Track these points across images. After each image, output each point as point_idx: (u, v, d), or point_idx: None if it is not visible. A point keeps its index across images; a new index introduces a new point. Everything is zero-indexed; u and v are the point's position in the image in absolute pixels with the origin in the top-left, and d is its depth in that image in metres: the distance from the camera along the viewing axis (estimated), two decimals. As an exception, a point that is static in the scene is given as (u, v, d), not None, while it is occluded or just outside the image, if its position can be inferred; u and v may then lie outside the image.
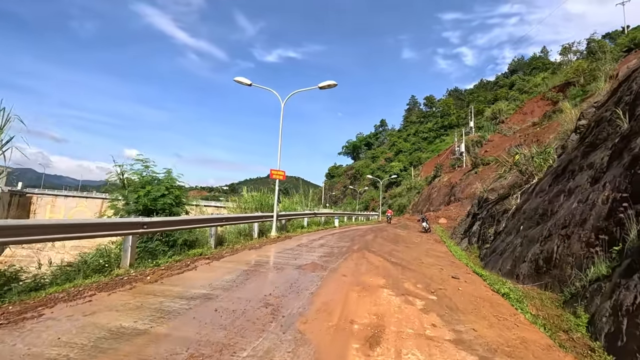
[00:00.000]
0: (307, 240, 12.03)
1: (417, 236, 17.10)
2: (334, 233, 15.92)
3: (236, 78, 13.52)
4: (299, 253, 8.86)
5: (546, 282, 6.81)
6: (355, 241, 12.52)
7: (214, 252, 8.14)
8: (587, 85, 52.21)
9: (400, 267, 7.53)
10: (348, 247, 10.47)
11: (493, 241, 12.23)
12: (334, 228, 19.88)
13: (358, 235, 15.45)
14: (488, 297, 5.47)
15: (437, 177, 64.74)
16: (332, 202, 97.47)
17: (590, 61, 58.65)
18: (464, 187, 48.39)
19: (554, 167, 11.18)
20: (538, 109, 65.71)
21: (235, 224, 10.81)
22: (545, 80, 70.70)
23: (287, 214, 14.62)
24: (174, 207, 7.83)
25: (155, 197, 7.18)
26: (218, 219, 8.90)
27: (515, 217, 11.39)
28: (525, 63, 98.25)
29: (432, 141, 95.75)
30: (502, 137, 62.44)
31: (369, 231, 17.99)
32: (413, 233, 18.99)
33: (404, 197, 70.36)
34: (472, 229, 15.57)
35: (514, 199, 12.97)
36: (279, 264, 7.19)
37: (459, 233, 20.42)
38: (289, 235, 13.52)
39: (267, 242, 11.06)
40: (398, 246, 12.12)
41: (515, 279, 7.98)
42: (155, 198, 7.19)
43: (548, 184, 10.49)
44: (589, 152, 8.62)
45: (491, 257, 10.44)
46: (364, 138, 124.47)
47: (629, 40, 53.81)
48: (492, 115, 71.87)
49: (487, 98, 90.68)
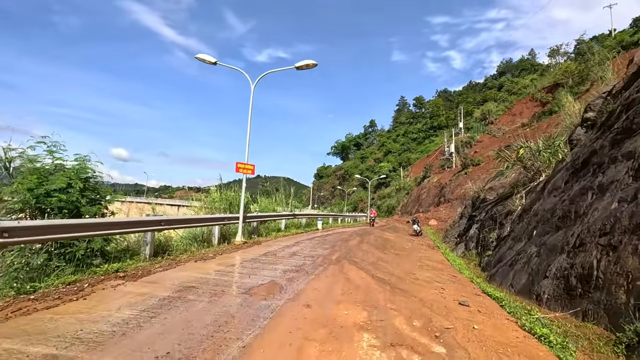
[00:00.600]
0: (278, 247, 10.04)
1: (408, 240, 15.30)
2: (314, 237, 13.97)
3: (199, 55, 11.47)
4: (260, 266, 6.88)
5: (585, 308, 5.02)
6: (336, 248, 10.60)
7: (141, 267, 6.08)
8: (576, 86, 51.91)
9: (388, 288, 5.63)
10: (325, 257, 8.53)
11: (496, 248, 10.50)
12: (317, 231, 17.94)
13: (341, 239, 13.54)
14: (520, 345, 3.60)
15: (426, 177, 63.58)
16: (321, 203, 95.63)
17: (579, 63, 58.55)
18: (453, 187, 47.18)
19: (568, 162, 9.50)
20: (527, 110, 65.34)
21: (186, 227, 8.75)
22: (533, 81, 70.54)
23: (258, 215, 12.58)
24: (86, 206, 5.75)
25: (48, 191, 5.10)
26: (152, 221, 6.84)
27: (523, 220, 9.67)
28: (513, 65, 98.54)
29: (422, 142, 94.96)
30: (491, 138, 61.78)
31: (354, 235, 16.11)
32: (403, 237, 17.20)
33: (393, 198, 69.02)
34: (469, 232, 13.86)
35: (518, 199, 11.29)
36: (222, 285, 5.19)
37: (452, 236, 18.77)
38: (260, 240, 11.51)
39: (228, 249, 9.03)
40: (386, 254, 10.26)
41: (536, 301, 6.19)
42: (49, 193, 5.12)
43: (564, 181, 8.80)
44: (622, 140, 6.92)
45: (498, 268, 8.66)
46: (353, 138, 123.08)
47: (616, 42, 53.73)
48: (482, 116, 71.33)
49: (476, 99, 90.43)
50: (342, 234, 16.23)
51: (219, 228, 9.90)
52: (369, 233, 17.57)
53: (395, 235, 17.66)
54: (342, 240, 13.25)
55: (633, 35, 51.71)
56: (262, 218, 12.94)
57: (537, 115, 57.21)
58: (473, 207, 19.23)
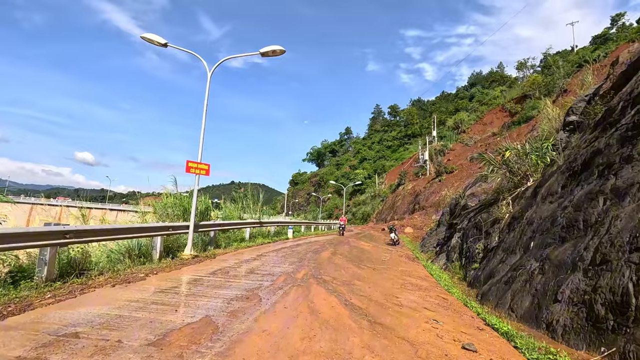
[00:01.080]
0: (235, 262, 8.38)
1: (386, 250, 14.04)
2: (282, 248, 12.37)
3: (145, 35, 9.73)
4: (200, 292, 5.24)
5: (623, 348, 3.81)
6: (304, 262, 9.08)
7: (21, 298, 4.29)
8: (543, 97, 53.93)
9: (366, 323, 4.19)
10: (289, 275, 6.99)
11: (484, 260, 9.39)
12: (286, 240, 16.33)
13: (312, 250, 12.04)
14: None
15: (401, 185, 63.58)
16: (295, 210, 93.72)
17: (545, 75, 61.14)
18: (428, 195, 47.10)
19: (562, 165, 8.60)
20: (497, 120, 67.32)
21: (111, 240, 6.89)
22: (503, 93, 73.05)
23: (214, 223, 10.82)
24: None
25: None
26: (52, 233, 5.03)
27: (514, 229, 8.62)
28: (483, 77, 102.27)
29: (396, 150, 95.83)
30: (463, 147, 62.92)
31: (327, 244, 14.66)
32: (380, 246, 15.96)
33: (368, 205, 68.48)
34: (451, 242, 12.79)
35: (505, 206, 10.31)
36: (125, 328, 3.53)
37: (430, 245, 17.77)
38: (215, 253, 9.77)
39: (169, 267, 7.27)
40: (362, 268, 8.85)
41: (547, 331, 4.97)
42: None
43: (560, 185, 7.83)
44: (634, 137, 5.96)
45: (490, 285, 7.47)
46: (328, 145, 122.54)
47: (579, 58, 56.54)
48: (454, 125, 72.80)
49: (448, 109, 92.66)
50: (314, 244, 14.73)
51: (162, 239, 8.10)
52: (343, 243, 16.19)
53: (371, 244, 16.38)
54: (313, 251, 11.75)
55: (594, 52, 54.54)
56: (219, 227, 11.17)
57: (506, 124, 58.92)
58: (452, 214, 18.39)
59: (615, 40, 54.45)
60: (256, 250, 11.16)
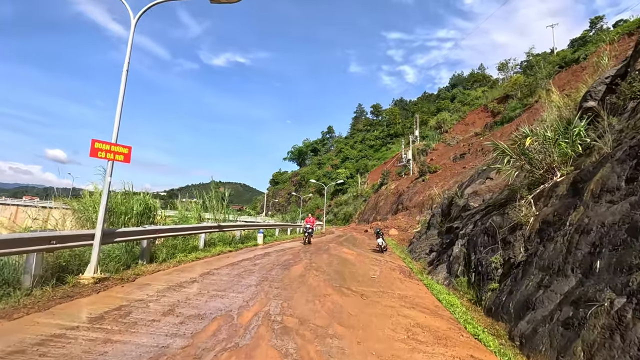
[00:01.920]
0: (160, 289, 5.63)
1: (374, 261, 11.57)
2: (244, 260, 9.67)
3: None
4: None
5: None
6: (265, 284, 6.44)
7: None
8: (525, 98, 53.63)
9: None
10: (228, 317, 4.34)
11: (506, 278, 7.05)
12: (255, 247, 13.61)
13: (281, 263, 9.40)
14: None
15: (384, 184, 61.83)
16: (278, 210, 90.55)
17: (527, 75, 61.04)
18: (412, 195, 45.39)
19: (616, 151, 6.37)
20: (479, 120, 66.82)
21: None
22: (485, 93, 72.87)
23: (144, 230, 7.93)
24: None
25: None
26: None
27: (552, 239, 6.31)
28: (464, 78, 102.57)
29: (379, 149, 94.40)
30: (446, 147, 61.95)
31: (302, 253, 12.07)
32: (366, 254, 13.49)
33: (350, 205, 66.39)
34: (452, 250, 10.46)
35: (525, 207, 8.06)
36: None
37: (421, 252, 15.47)
38: (143, 271, 6.95)
39: (35, 303, 4.47)
40: (346, 295, 6.30)
41: None
42: None
43: (623, 179, 5.57)
44: None
45: (533, 324, 5.09)
46: (310, 144, 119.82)
47: (560, 59, 56.68)
48: (437, 125, 71.97)
49: (430, 109, 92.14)
50: (287, 252, 12.11)
51: (41, 257, 5.25)
52: (321, 251, 13.62)
53: (355, 252, 13.88)
54: (282, 265, 9.12)
55: (574, 53, 54.78)
56: (153, 234, 8.28)
57: (489, 125, 58.33)
58: (445, 215, 16.23)
59: (594, 42, 54.78)
60: (207, 265, 8.41)
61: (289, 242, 17.72)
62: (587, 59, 48.57)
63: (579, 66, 49.04)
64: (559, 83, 48.88)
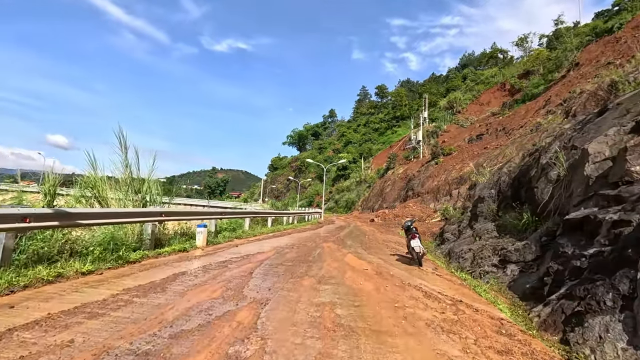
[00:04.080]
0: None
1: (428, 299, 6.71)
2: (209, 265, 4.94)
3: None
4: None
5: None
6: None
7: None
8: (549, 73, 48.03)
9: None
10: None
11: None
12: (184, 254, 8.90)
13: (258, 279, 4.67)
14: None
15: (390, 169, 56.96)
16: (275, 197, 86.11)
17: (551, 49, 55.11)
18: (424, 179, 40.48)
19: None
20: (495, 100, 61.24)
21: None
22: (502, 70, 66.95)
23: None
24: None
25: None
26: None
27: None
28: (475, 58, 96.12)
29: (384, 132, 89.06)
30: (458, 128, 56.72)
31: (284, 260, 7.36)
32: (392, 270, 8.46)
33: (352, 192, 61.65)
34: (581, 275, 5.66)
35: None
36: None
37: (474, 259, 10.51)
38: None
39: None
40: None
41: None
42: None
43: None
44: None
45: None
46: (311, 127, 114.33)
47: (590, 29, 50.75)
48: (448, 105, 66.41)
49: (439, 90, 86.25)
50: (266, 254, 7.38)
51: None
52: (304, 262, 8.89)
53: (371, 265, 8.99)
54: (257, 283, 4.35)
55: (606, 22, 48.75)
56: None
57: (507, 104, 52.92)
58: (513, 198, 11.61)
59: (630, 10, 48.62)
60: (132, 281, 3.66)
61: (283, 234, 13.05)
62: (623, 28, 42.67)
63: (612, 36, 43.17)
64: (588, 57, 43.22)
